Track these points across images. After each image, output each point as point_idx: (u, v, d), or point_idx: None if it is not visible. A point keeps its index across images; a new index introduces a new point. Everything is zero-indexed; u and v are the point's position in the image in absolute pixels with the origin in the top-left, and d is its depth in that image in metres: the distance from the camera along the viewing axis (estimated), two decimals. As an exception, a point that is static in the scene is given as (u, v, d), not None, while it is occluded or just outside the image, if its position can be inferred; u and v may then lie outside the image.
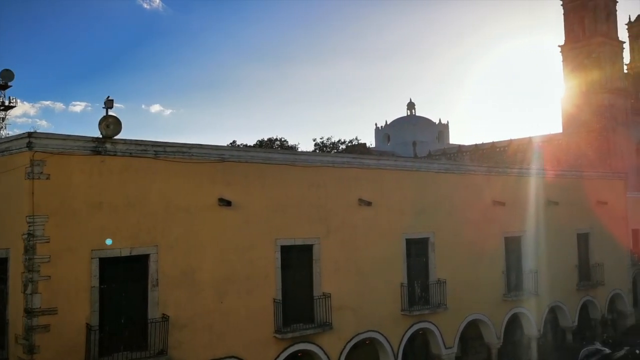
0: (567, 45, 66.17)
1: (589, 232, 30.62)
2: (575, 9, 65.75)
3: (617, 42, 66.00)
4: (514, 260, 26.62)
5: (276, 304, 18.45)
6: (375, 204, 21.26)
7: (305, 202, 19.68)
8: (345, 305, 20.20)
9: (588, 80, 63.61)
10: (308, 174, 19.83)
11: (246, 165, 18.42)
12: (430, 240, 23.27)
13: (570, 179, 30.91)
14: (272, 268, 18.70)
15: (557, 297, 28.33)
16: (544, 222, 27.64)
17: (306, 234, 19.66)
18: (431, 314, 22.60)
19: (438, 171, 24.39)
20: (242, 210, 18.11)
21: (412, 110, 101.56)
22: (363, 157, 23.16)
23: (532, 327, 26.87)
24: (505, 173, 27.39)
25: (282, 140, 62.16)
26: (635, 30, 76.37)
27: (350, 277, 20.61)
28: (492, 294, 25.28)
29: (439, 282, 22.90)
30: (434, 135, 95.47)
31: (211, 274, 17.39)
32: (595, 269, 30.38)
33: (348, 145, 62.85)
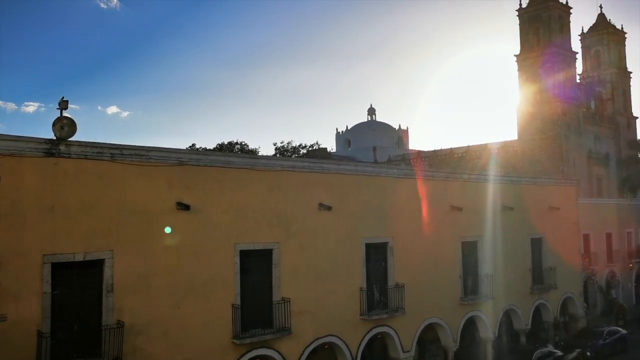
0: (522, 54, 67.94)
1: (542, 237, 31.42)
2: (530, 20, 67.62)
3: (571, 52, 68.13)
4: (470, 264, 27.10)
5: (234, 309, 18.28)
6: (335, 209, 21.33)
7: (265, 206, 19.60)
8: (305, 310, 20.18)
9: (542, 89, 65.42)
10: (268, 178, 19.76)
11: (205, 169, 18.23)
12: (390, 244, 23.47)
13: (525, 184, 31.67)
14: (231, 273, 18.53)
15: (512, 300, 28.95)
16: (500, 227, 28.23)
17: (266, 238, 19.57)
18: (389, 318, 22.79)
19: (397, 176, 24.65)
20: (201, 214, 17.91)
21: (372, 115, 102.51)
22: (323, 162, 23.24)
23: (487, 330, 27.38)
24: (462, 179, 27.88)
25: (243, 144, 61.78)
26: (588, 41, 78.97)
27: (310, 281, 20.61)
28: (449, 298, 25.66)
29: (398, 286, 23.12)
30: (394, 140, 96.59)
31: (168, 279, 17.12)
32: (548, 272, 31.18)
33: (309, 149, 62.91)
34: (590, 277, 39.29)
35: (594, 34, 78.49)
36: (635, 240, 45.19)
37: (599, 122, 72.41)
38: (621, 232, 43.41)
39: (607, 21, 78.51)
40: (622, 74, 77.41)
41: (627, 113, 76.74)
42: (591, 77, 77.13)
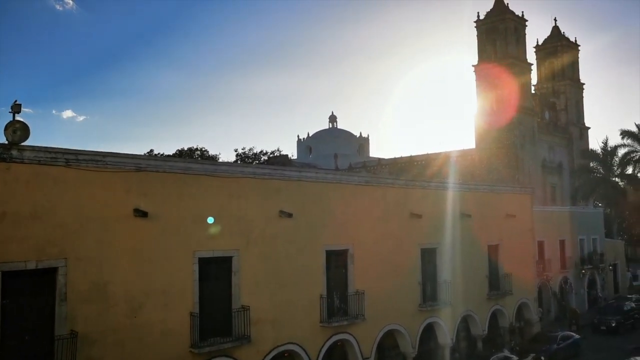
0: (479, 65, 69.39)
1: (499, 244, 32.04)
2: (487, 31, 69.17)
3: (526, 63, 69.95)
4: (429, 271, 27.42)
5: (193, 318, 18.01)
6: (296, 216, 21.29)
7: (225, 213, 19.41)
8: (264, 318, 20.04)
9: (499, 99, 66.93)
10: (228, 184, 19.60)
11: (164, 175, 17.95)
12: (350, 252, 23.55)
13: (483, 192, 32.28)
14: (190, 281, 18.26)
15: (469, 306, 29.40)
16: (458, 234, 28.67)
17: (225, 245, 19.38)
18: (349, 325, 22.84)
19: (358, 184, 24.78)
20: (159, 221, 17.62)
21: (334, 123, 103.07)
22: (284, 169, 23.20)
23: (445, 336, 27.72)
24: (422, 186, 28.22)
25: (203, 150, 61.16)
26: (543, 53, 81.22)
27: (270, 289, 20.49)
28: (408, 304, 25.89)
29: (358, 293, 23.20)
30: (355, 148, 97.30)
31: (125, 288, 16.76)
32: (504, 279, 31.79)
33: (270, 156, 62.73)
34: (544, 283, 40.25)
35: (548, 46, 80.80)
36: (587, 247, 46.55)
37: (553, 132, 74.49)
38: (574, 239, 44.67)
39: (562, 34, 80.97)
40: (575, 85, 79.88)
41: (579, 123, 79.18)
42: (546, 88, 79.31)
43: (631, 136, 67.87)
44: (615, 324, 37.09)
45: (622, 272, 53.42)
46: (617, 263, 52.31)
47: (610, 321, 37.37)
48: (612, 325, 37.06)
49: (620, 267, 53.12)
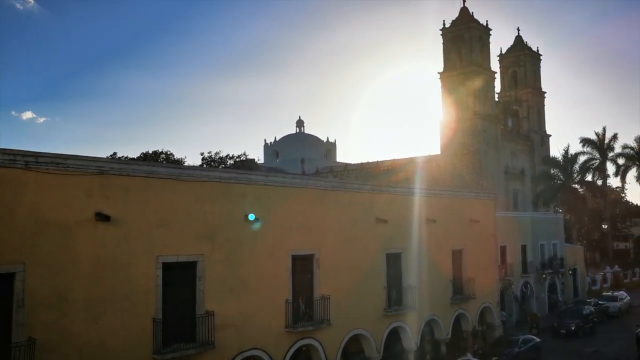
0: (445, 72, 70.46)
1: (463, 249, 32.46)
2: (452, 40, 70.33)
3: (490, 72, 71.33)
4: (394, 275, 27.59)
5: (156, 324, 17.72)
6: (262, 221, 21.18)
7: (190, 217, 19.18)
8: (229, 323, 19.85)
9: (463, 106, 68.04)
10: (194, 189, 19.37)
11: (127, 179, 17.65)
12: (316, 256, 23.54)
13: (447, 198, 32.66)
14: (153, 286, 17.97)
15: (434, 310, 29.68)
16: (423, 239, 28.93)
17: (190, 250, 19.14)
18: (315, 330, 22.80)
19: (325, 188, 24.79)
20: (122, 225, 17.31)
21: (301, 127, 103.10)
22: (251, 173, 23.04)
23: (410, 340, 27.92)
24: (388, 191, 28.40)
25: (168, 154, 60.45)
26: (506, 62, 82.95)
27: (235, 294, 20.31)
28: (373, 309, 25.99)
29: (323, 298, 23.19)
30: (322, 153, 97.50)
31: (85, 293, 16.40)
32: (468, 283, 32.20)
33: (236, 160, 62.41)
34: (506, 288, 40.95)
35: (511, 55, 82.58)
36: (548, 252, 47.59)
37: (516, 139, 76.06)
38: (535, 244, 45.61)
39: (524, 43, 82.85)
40: (537, 93, 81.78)
41: (541, 131, 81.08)
42: (509, 95, 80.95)
43: (590, 144, 69.83)
44: (575, 327, 37.90)
45: (582, 277, 54.76)
46: (576, 268, 53.61)
47: (569, 325, 38.17)
48: (571, 329, 37.86)
49: (580, 271, 54.45)
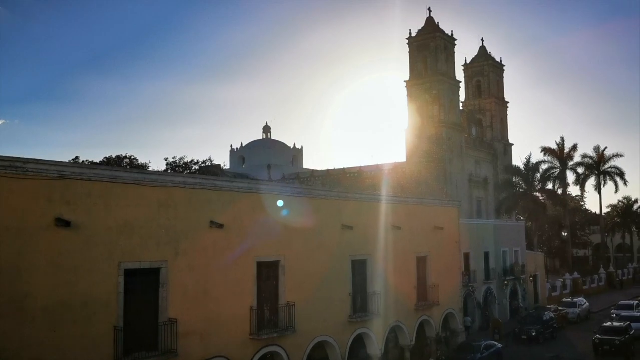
0: (411, 81, 71.35)
1: (427, 256, 32.77)
2: (419, 49, 71.33)
3: (455, 81, 72.55)
4: (360, 282, 27.67)
5: (117, 332, 17.36)
6: (227, 227, 21.00)
7: (153, 223, 18.89)
8: (193, 331, 19.59)
9: (429, 114, 68.99)
10: (158, 194, 19.09)
11: (89, 184, 17.29)
12: (281, 263, 23.44)
13: (412, 205, 32.96)
14: (114, 293, 17.61)
15: (398, 317, 29.86)
16: (388, 245, 29.11)
17: (153, 256, 18.84)
18: (279, 337, 22.68)
19: (291, 195, 24.75)
20: (83, 231, 16.94)
21: (268, 134, 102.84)
22: (216, 179, 22.85)
23: (374, 346, 28.01)
24: (354, 198, 28.52)
25: (132, 159, 59.48)
26: (470, 71, 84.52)
27: (199, 301, 20.07)
28: (338, 316, 26.01)
29: (289, 305, 23.10)
30: (289, 159, 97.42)
31: (44, 300, 15.96)
32: (432, 290, 32.52)
33: (202, 166, 61.76)
34: (469, 294, 41.51)
35: (475, 64, 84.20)
36: (510, 259, 48.44)
37: (479, 148, 77.45)
38: (497, 251, 46.38)
39: (488, 54, 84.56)
40: (500, 103, 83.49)
41: (504, 140, 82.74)
42: (473, 105, 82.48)
43: (551, 153, 71.50)
44: (535, 333, 38.60)
45: (542, 283, 55.88)
46: (537, 274, 54.70)
47: (530, 331, 38.87)
48: (532, 335, 38.55)
49: (541, 278, 55.56)
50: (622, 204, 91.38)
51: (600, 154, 75.29)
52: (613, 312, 45.93)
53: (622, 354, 33.04)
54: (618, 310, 45.56)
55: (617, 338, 33.87)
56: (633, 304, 47.09)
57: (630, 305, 46.72)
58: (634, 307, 45.55)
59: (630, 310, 44.62)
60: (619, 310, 45.30)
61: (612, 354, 33.18)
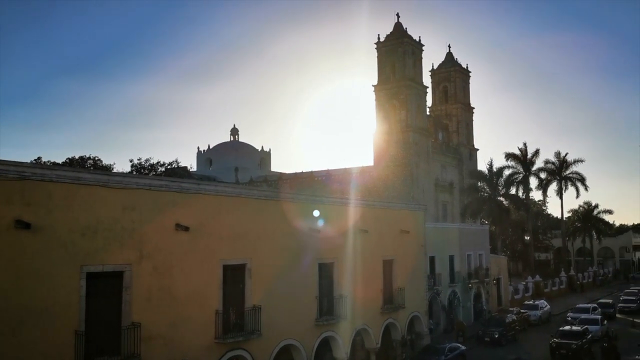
0: (379, 85, 71.88)
1: (393, 259, 33.01)
2: (386, 54, 71.91)
3: (422, 86, 73.35)
4: (326, 285, 27.71)
5: (78, 336, 16.99)
6: (193, 230, 20.78)
7: (117, 226, 18.57)
8: (157, 335, 19.31)
9: (396, 119, 69.59)
10: (122, 196, 18.79)
11: (51, 185, 16.91)
12: (248, 266, 23.31)
13: (379, 209, 33.18)
14: (76, 297, 17.24)
15: (364, 320, 29.99)
16: (355, 249, 29.23)
17: (116, 259, 18.52)
18: (245, 341, 22.52)
19: (258, 198, 24.64)
20: (44, 233, 16.55)
21: (235, 136, 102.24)
22: (182, 181, 22.55)
23: (340, 350, 28.07)
24: (321, 202, 28.57)
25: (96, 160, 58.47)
26: (437, 77, 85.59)
27: (164, 305, 19.79)
28: (305, 319, 25.99)
29: (255, 308, 22.97)
30: (257, 162, 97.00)
31: (3, 304, 15.53)
32: (398, 293, 32.77)
33: (167, 168, 61.10)
34: (435, 297, 41.96)
35: (442, 70, 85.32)
36: (474, 262, 49.15)
37: (446, 152, 78.47)
38: (462, 255, 47.01)
39: (455, 60, 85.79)
40: (466, 109, 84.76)
41: (469, 145, 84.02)
42: (439, 110, 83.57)
43: (515, 159, 72.89)
44: (498, 335, 39.23)
45: (505, 286, 56.85)
46: (500, 277, 55.63)
47: (493, 333, 39.48)
48: (495, 337, 39.17)
49: (504, 281, 56.52)
50: (583, 209, 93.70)
51: (561, 159, 77.12)
52: (569, 316, 46.82)
53: (578, 358, 33.29)
54: (574, 314, 46.43)
55: (573, 342, 33.97)
56: (589, 307, 47.99)
57: (586, 308, 47.59)
58: (590, 311, 46.36)
59: (586, 313, 45.44)
60: (576, 314, 46.16)
61: (569, 358, 33.31)
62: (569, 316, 46.41)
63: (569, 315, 47.20)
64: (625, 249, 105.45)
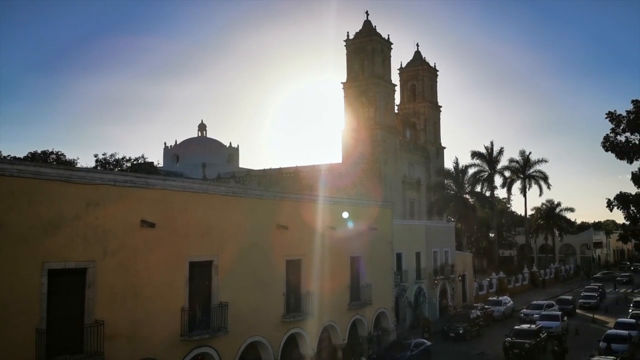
0: (348, 83, 72.05)
1: (361, 256, 33.19)
2: (355, 51, 72.12)
3: (390, 84, 73.81)
4: (294, 282, 27.70)
5: (39, 334, 16.63)
6: (159, 226, 20.53)
7: (80, 222, 18.23)
8: (121, 333, 19.04)
9: (364, 116, 69.88)
10: (85, 191, 18.44)
11: (11, 180, 16.50)
12: (215, 263, 23.14)
13: (347, 206, 33.29)
14: (37, 294, 16.87)
15: (332, 316, 30.10)
16: (323, 246, 29.29)
17: (80, 256, 18.17)
18: (211, 338, 22.37)
19: (225, 194, 24.47)
20: (4, 229, 16.18)
21: (203, 131, 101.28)
22: (148, 177, 22.24)
23: (307, 346, 28.11)
24: (289, 198, 28.52)
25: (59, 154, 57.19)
26: (405, 75, 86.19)
27: (128, 302, 19.52)
28: (272, 316, 25.94)
29: (221, 305, 22.83)
30: (224, 158, 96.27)
31: (-41, 303, 15.10)
32: (365, 289, 32.97)
33: (133, 163, 60.14)
34: (401, 293, 42.37)
35: (411, 69, 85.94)
36: (440, 258, 49.77)
37: (413, 150, 79.17)
38: (428, 251, 47.55)
39: (423, 59, 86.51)
40: (433, 107, 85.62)
41: (436, 143, 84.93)
42: (407, 108, 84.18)
43: (480, 157, 74.00)
44: (463, 331, 39.84)
45: (470, 282, 57.76)
46: (465, 274, 56.49)
47: (458, 328, 40.06)
48: (459, 332, 39.75)
49: (469, 277, 57.42)
50: (546, 207, 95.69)
51: (525, 158, 78.64)
52: (522, 312, 47.26)
53: (532, 357, 32.74)
54: (529, 310, 46.79)
55: (527, 341, 33.22)
56: (544, 304, 48.13)
57: (540, 305, 47.71)
58: (544, 307, 46.50)
59: (540, 310, 45.66)
60: (530, 310, 46.54)
61: (522, 357, 32.68)
62: (523, 313, 46.83)
63: (522, 311, 47.59)
64: (586, 246, 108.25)
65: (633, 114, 30.59)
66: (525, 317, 45.07)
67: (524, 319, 44.71)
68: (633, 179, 30.87)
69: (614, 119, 31.30)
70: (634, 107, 30.68)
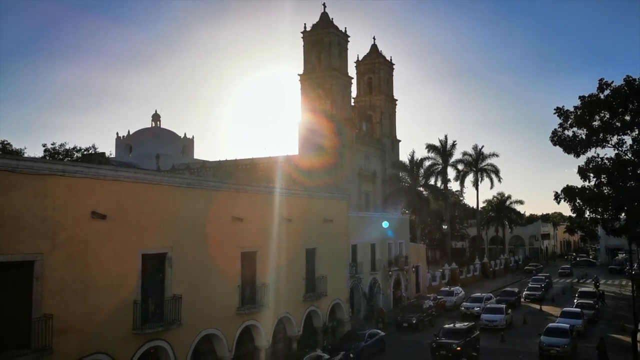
0: (304, 75, 71.93)
1: (316, 247, 33.33)
2: (313, 43, 72.02)
3: (347, 77, 74.05)
4: (249, 274, 27.59)
5: (-16, 330, 16.07)
6: (110, 218, 20.09)
7: (27, 213, 17.65)
8: (70, 327, 18.58)
9: (321, 108, 69.95)
10: (33, 182, 17.86)
11: (-47, 169, 15.82)
12: (168, 255, 22.81)
13: (303, 197, 33.34)
14: (-19, 288, 16.28)
15: (287, 308, 30.16)
16: (278, 237, 29.26)
17: (27, 249, 17.61)
18: (164, 332, 22.09)
19: (180, 185, 24.11)
20: (-55, 221, 15.48)
21: (157, 122, 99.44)
22: (99, 167, 21.65)
23: (262, 338, 28.10)
24: (245, 190, 28.34)
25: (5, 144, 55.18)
26: (362, 68, 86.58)
27: (78, 295, 19.05)
28: (226, 308, 25.79)
29: (175, 298, 22.55)
30: (179, 149, 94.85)
31: None
32: (320, 281, 33.15)
33: (84, 153, 58.53)
34: (356, 285, 42.76)
35: (367, 62, 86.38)
36: (394, 250, 50.45)
37: (369, 143, 79.74)
38: (383, 243, 48.12)
39: (379, 52, 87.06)
40: (389, 100, 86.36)
41: (392, 136, 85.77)
42: (364, 101, 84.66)
43: (435, 150, 75.24)
44: (416, 321, 40.58)
45: (423, 273, 58.78)
46: (419, 265, 57.45)
47: (411, 318, 40.78)
48: (412, 322, 40.48)
49: (422, 268, 58.41)
50: (497, 199, 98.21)
51: (478, 152, 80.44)
52: (463, 306, 47.25)
53: (459, 358, 30.27)
54: (469, 304, 46.88)
55: (455, 342, 30.68)
56: (483, 296, 48.27)
57: (480, 298, 47.92)
58: (483, 300, 46.93)
59: (480, 303, 46.10)
60: (471, 304, 46.68)
61: (449, 359, 30.40)
62: (464, 306, 47.02)
63: (463, 305, 47.59)
64: (535, 238, 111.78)
65: (580, 109, 31.55)
66: (466, 311, 45.46)
67: (465, 312, 45.25)
68: (579, 173, 31.85)
69: (562, 114, 32.21)
70: (581, 102, 31.65)
